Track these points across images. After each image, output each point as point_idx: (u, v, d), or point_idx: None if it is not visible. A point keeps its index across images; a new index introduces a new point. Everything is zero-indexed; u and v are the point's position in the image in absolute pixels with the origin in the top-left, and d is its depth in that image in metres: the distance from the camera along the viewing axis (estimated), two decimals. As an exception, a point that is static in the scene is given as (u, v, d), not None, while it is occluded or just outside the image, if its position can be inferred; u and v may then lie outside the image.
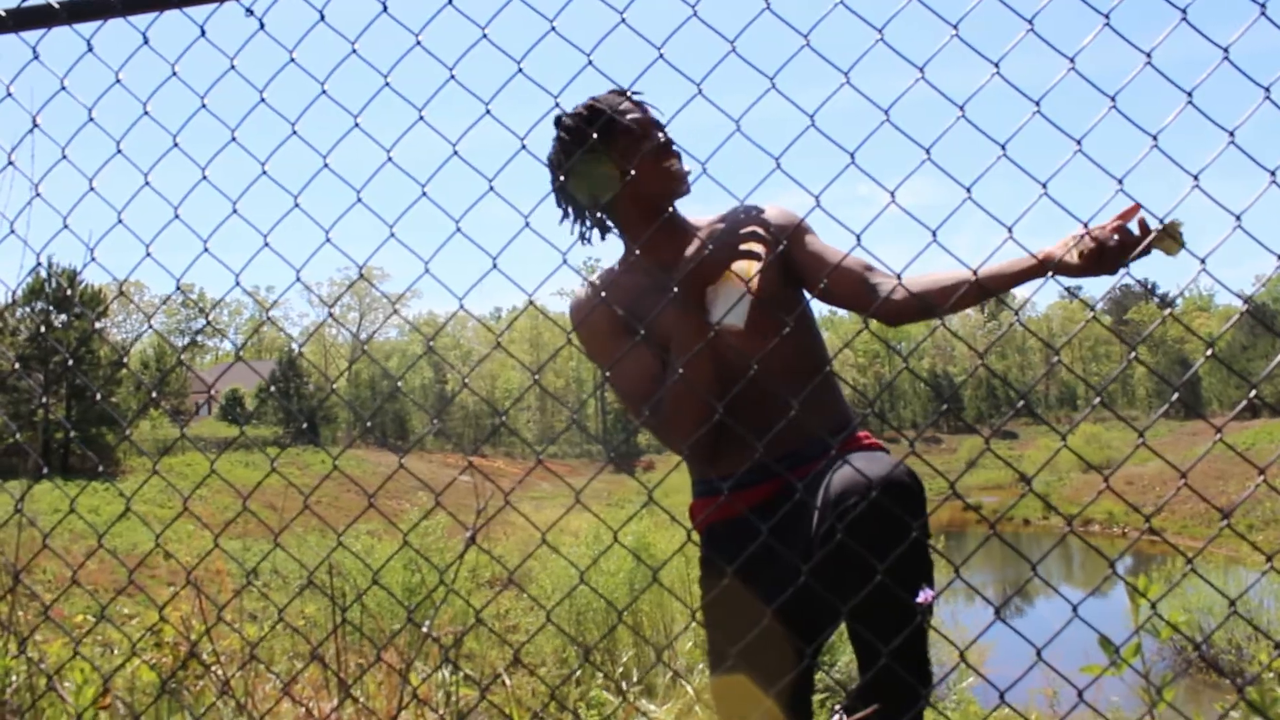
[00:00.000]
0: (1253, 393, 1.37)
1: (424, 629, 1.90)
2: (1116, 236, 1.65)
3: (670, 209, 2.07)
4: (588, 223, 2.13)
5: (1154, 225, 1.62)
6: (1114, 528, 33.27)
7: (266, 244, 1.82)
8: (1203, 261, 1.44)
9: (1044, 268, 1.72)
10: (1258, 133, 1.74)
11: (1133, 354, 1.50)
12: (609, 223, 2.14)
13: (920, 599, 1.59)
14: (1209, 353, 1.41)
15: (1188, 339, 58.39)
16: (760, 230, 1.77)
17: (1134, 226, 1.66)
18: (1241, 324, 53.77)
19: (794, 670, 1.80)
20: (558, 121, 2.09)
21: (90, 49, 2.02)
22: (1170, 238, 1.57)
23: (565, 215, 2.13)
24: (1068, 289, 1.77)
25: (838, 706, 1.77)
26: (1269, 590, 14.01)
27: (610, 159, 2.01)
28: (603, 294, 2.04)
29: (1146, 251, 1.64)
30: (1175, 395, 1.47)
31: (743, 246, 1.76)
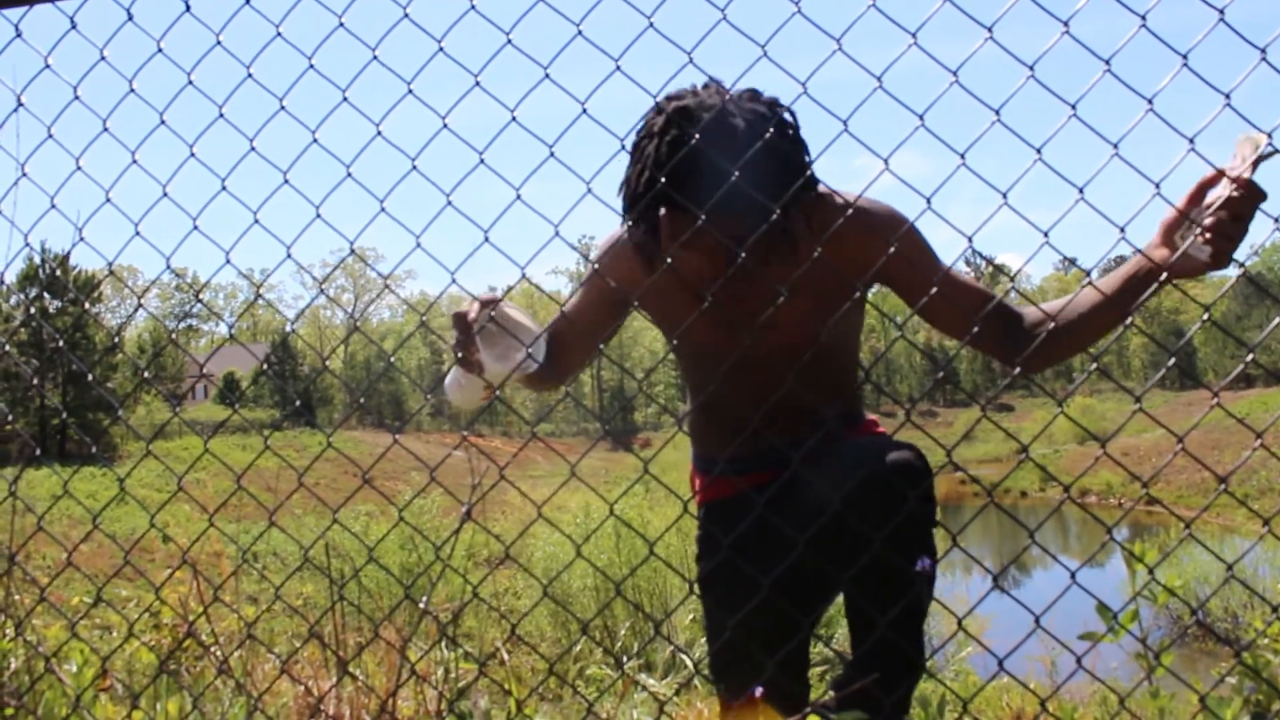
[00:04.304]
0: (1250, 358, 1.36)
1: (421, 604, 1.90)
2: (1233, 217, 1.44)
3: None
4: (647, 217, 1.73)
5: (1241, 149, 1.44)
6: (1111, 498, 33.44)
7: (256, 220, 1.81)
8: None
9: (1158, 274, 1.52)
10: (1252, 96, 1.71)
11: (1129, 320, 1.48)
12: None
13: (919, 568, 1.59)
14: (1205, 316, 1.40)
15: (1183, 310, 58.42)
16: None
17: (1226, 190, 1.44)
18: (1236, 294, 53.78)
19: (791, 642, 1.80)
20: (680, 109, 1.68)
21: (74, 26, 2.00)
22: (1255, 149, 1.42)
23: (631, 194, 1.75)
24: (1065, 258, 1.74)
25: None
26: (1264, 558, 14.10)
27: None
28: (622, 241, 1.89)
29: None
30: (1172, 360, 1.47)
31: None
